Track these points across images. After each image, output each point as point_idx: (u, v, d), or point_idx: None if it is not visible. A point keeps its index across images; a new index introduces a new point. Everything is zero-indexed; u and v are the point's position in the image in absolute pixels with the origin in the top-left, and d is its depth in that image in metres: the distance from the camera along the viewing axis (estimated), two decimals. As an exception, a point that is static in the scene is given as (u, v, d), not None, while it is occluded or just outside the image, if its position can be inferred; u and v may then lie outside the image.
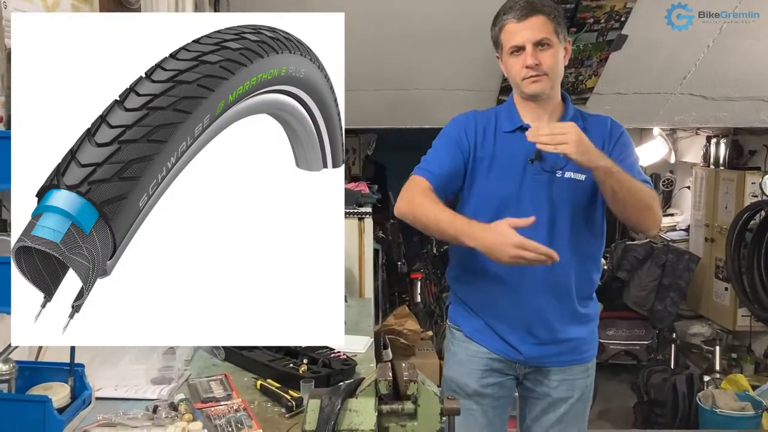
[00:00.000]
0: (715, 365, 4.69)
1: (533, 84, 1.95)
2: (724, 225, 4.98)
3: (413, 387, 1.48)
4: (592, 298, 2.12)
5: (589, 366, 2.13)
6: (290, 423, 1.64)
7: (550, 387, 2.09)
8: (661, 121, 4.11)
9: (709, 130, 5.17)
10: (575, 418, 2.13)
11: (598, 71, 3.51)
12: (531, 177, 1.97)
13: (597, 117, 2.11)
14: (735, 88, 3.72)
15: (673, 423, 4.24)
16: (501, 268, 1.97)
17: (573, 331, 2.06)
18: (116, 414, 1.61)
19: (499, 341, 2.06)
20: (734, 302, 4.89)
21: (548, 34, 1.93)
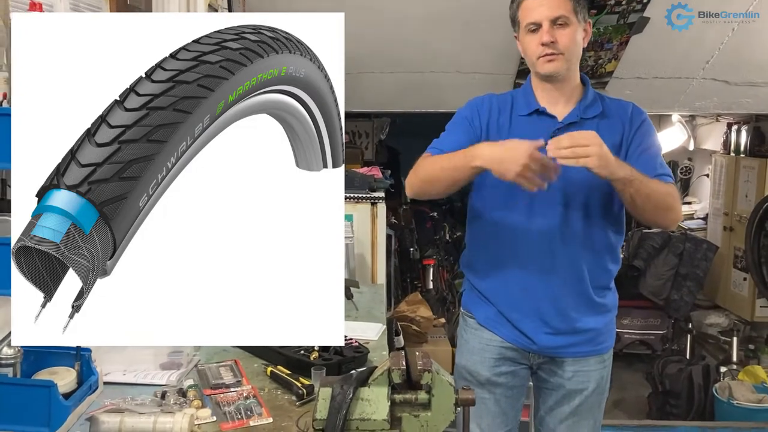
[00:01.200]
0: (732, 356, 4.62)
1: (548, 63, 1.92)
2: (743, 214, 4.90)
3: (427, 376, 1.45)
4: (610, 288, 2.09)
5: (605, 357, 2.11)
6: (300, 411, 1.62)
7: (565, 378, 2.07)
8: (681, 107, 4.06)
9: (730, 117, 5.09)
10: (590, 410, 2.11)
11: (618, 55, 3.46)
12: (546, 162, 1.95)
13: (618, 102, 2.07)
14: (759, 73, 3.66)
15: (688, 414, 4.22)
16: (515, 255, 1.98)
17: (589, 322, 2.03)
18: (124, 399, 1.62)
19: (513, 330, 2.05)
20: (753, 293, 4.82)
21: (566, 11, 1.89)
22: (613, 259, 2.07)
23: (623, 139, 1.99)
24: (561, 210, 1.95)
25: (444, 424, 1.47)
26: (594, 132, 1.78)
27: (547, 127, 1.95)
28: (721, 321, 5.05)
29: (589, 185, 1.94)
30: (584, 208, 1.96)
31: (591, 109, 1.99)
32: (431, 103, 3.87)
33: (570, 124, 1.96)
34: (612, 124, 1.99)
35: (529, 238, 1.97)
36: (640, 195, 1.84)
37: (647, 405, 4.49)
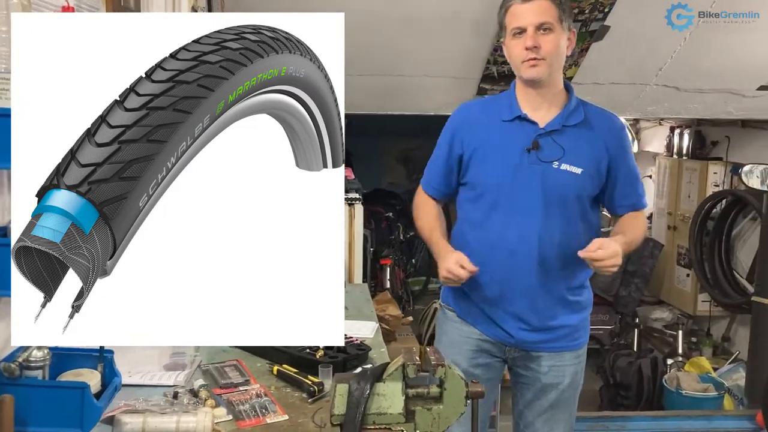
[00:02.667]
0: (677, 349, 4.77)
1: (531, 68, 1.95)
2: (686, 213, 5.04)
3: (441, 370, 1.50)
4: (585, 286, 2.14)
5: (580, 353, 2.16)
6: (314, 408, 1.64)
7: (541, 372, 2.11)
8: (635, 112, 4.15)
9: (673, 121, 5.24)
10: (566, 404, 2.16)
11: (578, 61, 3.52)
12: (527, 166, 1.98)
13: (601, 112, 2.11)
14: (707, 81, 3.76)
15: (638, 405, 4.32)
16: (495, 256, 2.03)
17: (565, 319, 2.08)
18: (137, 400, 1.60)
19: (491, 324, 2.09)
20: (695, 288, 4.97)
21: (551, 18, 1.93)
22: None
23: (605, 152, 2.04)
24: (540, 217, 1.99)
25: (455, 416, 1.51)
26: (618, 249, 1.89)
27: (528, 133, 2.00)
28: (666, 315, 5.21)
29: (568, 195, 2.00)
30: (562, 215, 2.00)
31: (573, 116, 2.03)
32: (399, 106, 3.86)
33: (551, 131, 2.00)
34: (593, 135, 2.03)
35: (509, 241, 2.02)
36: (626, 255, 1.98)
37: (599, 397, 4.56)
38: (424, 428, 1.51)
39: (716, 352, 4.96)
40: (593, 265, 1.90)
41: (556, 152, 1.98)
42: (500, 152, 2.00)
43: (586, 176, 1.99)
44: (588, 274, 2.14)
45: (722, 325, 5.06)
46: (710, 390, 4.14)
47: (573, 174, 1.99)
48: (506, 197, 2.00)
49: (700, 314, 5.05)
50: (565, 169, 1.99)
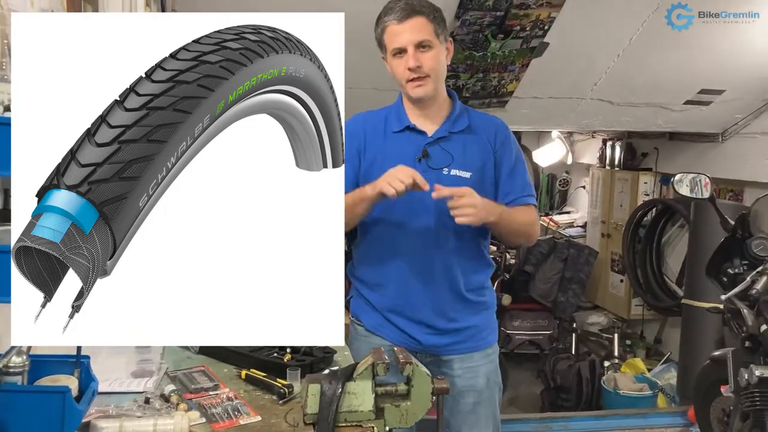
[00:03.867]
0: (613, 351, 4.89)
1: (417, 88, 1.99)
2: (619, 222, 5.21)
3: (409, 368, 1.58)
4: (485, 287, 2.18)
5: (489, 352, 2.18)
6: (285, 409, 1.63)
7: (454, 376, 2.12)
8: (571, 125, 4.27)
9: (605, 133, 5.42)
10: (487, 404, 2.17)
11: (519, 76, 3.61)
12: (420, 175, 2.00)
13: (485, 117, 2.17)
14: (638, 95, 3.91)
15: (578, 406, 4.40)
16: (395, 265, 2.07)
17: (468, 320, 2.12)
18: (109, 406, 1.58)
19: (399, 333, 2.11)
20: (628, 293, 5.14)
21: (428, 35, 1.96)
22: (485, 263, 2.18)
23: (491, 153, 2.09)
24: (435, 224, 2.03)
25: (422, 411, 1.58)
26: (470, 189, 1.90)
27: (418, 142, 2.05)
28: (602, 320, 5.34)
29: None
30: (456, 227, 1.99)
31: (458, 122, 2.08)
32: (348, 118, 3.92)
33: (439, 138, 2.05)
34: (479, 139, 2.08)
35: (408, 248, 2.06)
36: (506, 230, 2.06)
37: (540, 400, 4.65)
38: (393, 424, 1.58)
39: (649, 354, 5.11)
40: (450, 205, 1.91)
41: (446, 159, 2.03)
42: (393, 163, 1.99)
43: (474, 180, 2.03)
44: (487, 274, 2.20)
45: (654, 327, 5.22)
46: (645, 389, 4.26)
47: (463, 178, 2.02)
48: (402, 207, 2.02)
49: (634, 318, 5.20)
50: (455, 174, 2.03)
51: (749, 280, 2.44)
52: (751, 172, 4.15)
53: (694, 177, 2.78)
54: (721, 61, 3.70)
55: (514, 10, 3.17)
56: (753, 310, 2.42)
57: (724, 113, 4.17)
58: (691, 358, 3.97)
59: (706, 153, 4.51)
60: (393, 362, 1.61)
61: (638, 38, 3.47)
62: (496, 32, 3.29)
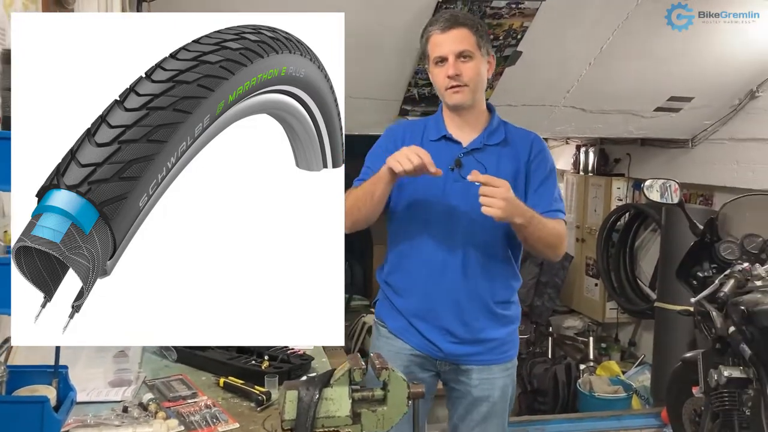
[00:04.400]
0: (589, 354, 4.94)
1: (455, 95, 2.02)
2: (593, 226, 5.27)
3: (385, 374, 1.60)
4: (512, 300, 2.17)
5: (509, 366, 2.18)
6: (263, 415, 1.64)
7: (471, 386, 2.13)
8: (545, 132, 4.30)
9: (579, 140, 5.47)
10: (497, 416, 2.18)
11: (493, 84, 3.61)
12: (451, 184, 2.03)
13: (521, 131, 2.17)
14: (610, 103, 3.95)
15: (554, 409, 4.46)
16: (424, 279, 2.07)
17: (492, 333, 2.11)
18: (87, 416, 1.58)
19: (421, 339, 2.11)
20: (603, 297, 5.18)
21: (470, 46, 2.00)
22: (513, 273, 2.16)
23: (523, 167, 2.08)
24: (464, 233, 2.04)
25: (398, 416, 1.59)
26: (506, 182, 1.87)
27: (452, 152, 2.06)
28: (577, 324, 5.38)
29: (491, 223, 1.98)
30: (484, 230, 2.03)
31: (494, 136, 2.09)
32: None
33: (474, 149, 2.06)
34: (513, 152, 2.08)
35: (437, 256, 2.06)
36: (533, 236, 1.98)
37: (518, 404, 4.63)
38: (370, 429, 1.57)
39: (624, 357, 5.16)
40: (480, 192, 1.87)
41: (478, 170, 2.00)
42: None
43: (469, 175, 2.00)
44: (514, 288, 2.18)
45: (629, 330, 5.26)
46: (620, 391, 4.31)
47: None
48: (434, 214, 2.04)
49: (609, 321, 5.25)
50: None
51: (717, 283, 2.49)
52: (720, 177, 4.20)
53: (664, 183, 2.83)
54: (689, 69, 3.75)
55: (487, 20, 3.20)
56: (721, 313, 2.47)
57: (693, 120, 4.22)
58: (664, 360, 4.01)
59: (676, 159, 4.56)
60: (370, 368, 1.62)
61: (609, 47, 3.51)
62: (490, 39, 3.32)
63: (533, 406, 4.61)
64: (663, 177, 2.92)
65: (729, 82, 3.89)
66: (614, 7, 3.27)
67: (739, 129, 4.08)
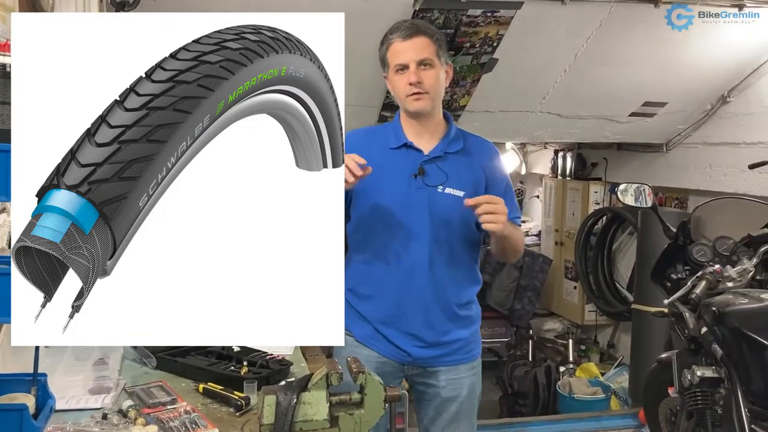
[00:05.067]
0: (568, 357, 4.97)
1: (416, 102, 2.03)
2: (571, 230, 5.32)
3: (362, 377, 1.62)
4: (473, 301, 2.21)
5: (474, 364, 2.21)
6: (242, 420, 1.64)
7: (440, 387, 2.15)
8: (522, 137, 4.38)
9: (557, 144, 5.51)
10: (466, 414, 2.21)
11: (470, 91, 3.66)
12: (414, 191, 2.05)
13: (477, 139, 2.21)
14: (585, 108, 3.99)
15: (535, 411, 4.48)
16: (388, 282, 2.09)
17: (457, 333, 2.14)
18: (66, 423, 1.58)
19: (389, 345, 2.13)
20: (582, 299, 5.23)
21: (430, 54, 2.01)
22: (474, 277, 2.21)
23: (483, 175, 2.12)
24: (429, 239, 2.06)
25: (375, 419, 1.60)
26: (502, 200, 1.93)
27: (414, 159, 2.08)
28: (557, 326, 5.44)
29: (452, 217, 2.07)
30: (448, 236, 2.07)
31: (453, 144, 2.12)
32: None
33: (435, 157, 2.08)
34: (472, 160, 2.12)
35: (403, 263, 2.07)
36: (510, 244, 2.06)
37: (499, 407, 4.72)
38: (348, 432, 1.61)
39: (603, 358, 5.21)
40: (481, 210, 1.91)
41: (440, 177, 2.06)
42: (390, 178, 2.05)
43: (467, 198, 2.03)
44: (475, 290, 2.22)
45: (607, 332, 5.32)
46: (599, 393, 4.35)
47: (456, 197, 2.06)
48: (398, 221, 2.06)
49: (588, 324, 5.30)
50: (449, 192, 2.07)
51: (690, 285, 2.52)
52: (694, 180, 4.26)
53: (638, 187, 2.87)
54: (663, 75, 3.79)
55: (463, 28, 3.24)
56: (694, 314, 2.50)
57: (668, 124, 4.27)
58: (642, 361, 4.06)
59: (652, 163, 4.61)
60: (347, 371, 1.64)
61: (583, 54, 3.54)
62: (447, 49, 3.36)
63: (514, 408, 4.63)
64: (638, 181, 2.97)
65: (701, 88, 3.94)
66: (587, 15, 3.30)
67: (712, 133, 4.13)
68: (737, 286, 2.50)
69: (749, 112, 3.85)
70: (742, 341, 2.17)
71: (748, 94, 3.86)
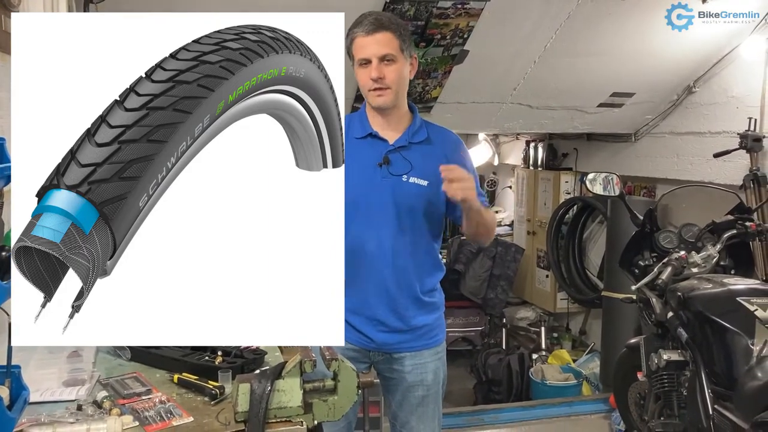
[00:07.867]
0: (541, 344, 5.02)
1: (378, 98, 2.05)
2: (543, 219, 5.34)
3: (335, 364, 1.64)
4: (436, 288, 2.24)
5: (438, 350, 2.25)
6: (217, 409, 1.62)
7: (405, 372, 2.19)
8: (493, 128, 4.39)
9: (528, 135, 5.55)
10: (433, 398, 2.25)
11: (442, 82, 3.68)
12: (379, 180, 2.07)
13: (441, 129, 2.23)
14: (555, 99, 4.02)
15: (509, 397, 4.52)
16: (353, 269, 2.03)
17: (420, 320, 2.18)
18: (41, 415, 1.59)
19: (354, 332, 2.15)
20: (554, 288, 5.27)
21: (393, 50, 2.02)
22: (437, 264, 2.24)
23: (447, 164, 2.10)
24: (393, 227, 2.09)
25: (349, 405, 1.61)
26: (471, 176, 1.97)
27: (379, 149, 2.10)
28: (530, 314, 5.47)
29: (416, 205, 2.09)
30: (413, 224, 2.10)
31: (418, 134, 2.14)
32: (277, 126, 3.96)
33: (400, 147, 2.11)
34: (436, 151, 2.13)
35: (367, 251, 2.10)
36: (482, 220, 2.08)
37: (473, 395, 4.75)
38: (321, 418, 1.61)
39: (575, 345, 5.26)
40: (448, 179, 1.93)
41: (405, 167, 2.09)
42: (355, 167, 2.05)
43: (431, 187, 2.08)
44: (438, 277, 2.25)
45: (579, 320, 5.36)
46: (570, 379, 4.40)
47: (420, 186, 2.09)
48: (363, 209, 2.08)
49: (560, 311, 5.35)
50: (413, 181, 2.09)
51: (656, 271, 2.58)
52: (662, 169, 4.31)
53: (606, 176, 2.92)
54: (630, 66, 3.83)
55: (434, 20, 3.25)
56: (661, 299, 2.56)
57: (635, 114, 4.32)
58: (612, 347, 4.09)
59: (620, 152, 4.65)
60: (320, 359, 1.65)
61: (552, 45, 3.56)
62: (418, 40, 3.36)
63: (488, 395, 4.65)
64: (608, 170, 3.01)
65: (668, 79, 3.99)
66: (556, 7, 3.32)
67: (678, 123, 4.18)
68: (702, 271, 2.55)
69: (714, 102, 3.90)
70: (705, 325, 2.22)
71: (713, 85, 3.91)
